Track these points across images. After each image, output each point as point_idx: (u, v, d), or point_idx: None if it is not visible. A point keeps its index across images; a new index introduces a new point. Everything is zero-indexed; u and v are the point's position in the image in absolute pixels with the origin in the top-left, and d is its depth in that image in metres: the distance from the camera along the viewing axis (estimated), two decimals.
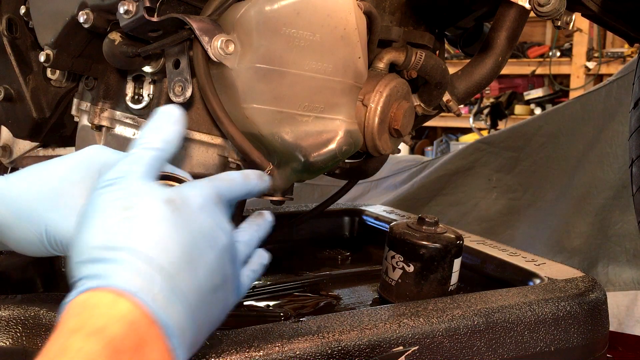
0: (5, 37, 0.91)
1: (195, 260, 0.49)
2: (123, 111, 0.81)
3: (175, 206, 0.49)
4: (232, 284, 0.54)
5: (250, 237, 0.60)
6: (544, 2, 0.84)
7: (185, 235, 0.48)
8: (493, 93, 4.73)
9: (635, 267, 1.61)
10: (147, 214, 0.48)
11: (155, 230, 0.47)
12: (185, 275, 0.47)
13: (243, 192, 0.59)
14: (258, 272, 0.61)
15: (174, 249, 0.47)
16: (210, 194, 0.53)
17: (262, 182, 0.62)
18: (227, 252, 0.52)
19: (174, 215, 0.49)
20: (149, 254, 0.46)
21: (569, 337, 0.87)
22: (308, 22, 0.74)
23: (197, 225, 0.50)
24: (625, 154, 1.62)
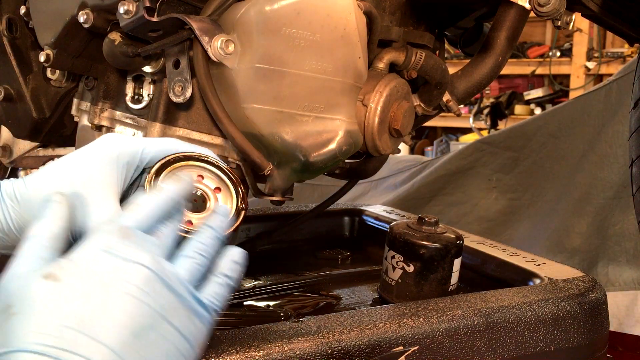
0: (5, 37, 0.91)
1: (94, 318, 0.44)
2: (123, 111, 0.81)
3: (54, 277, 0.45)
4: (178, 312, 0.47)
5: (201, 245, 0.52)
6: (544, 2, 0.84)
7: (72, 301, 0.44)
8: (493, 93, 4.73)
9: (635, 267, 1.60)
10: (24, 303, 0.44)
11: (36, 316, 0.43)
12: (81, 342, 0.43)
13: (162, 201, 0.52)
14: (233, 277, 0.53)
15: (59, 322, 0.43)
16: (103, 236, 0.48)
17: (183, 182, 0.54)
18: (151, 282, 0.46)
19: (55, 287, 0.44)
20: (30, 346, 0.42)
21: (569, 337, 0.87)
22: (308, 22, 0.74)
23: (88, 280, 0.45)
24: (625, 154, 1.62)
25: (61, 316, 0.44)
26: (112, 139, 0.59)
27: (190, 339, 0.48)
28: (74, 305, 0.44)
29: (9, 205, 0.58)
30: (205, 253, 0.52)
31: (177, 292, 0.48)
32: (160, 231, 0.51)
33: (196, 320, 0.49)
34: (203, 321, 0.49)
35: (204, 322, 0.50)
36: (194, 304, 0.49)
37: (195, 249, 0.52)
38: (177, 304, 0.47)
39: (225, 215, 0.56)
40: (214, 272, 0.52)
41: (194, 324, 0.48)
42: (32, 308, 0.44)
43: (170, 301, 0.47)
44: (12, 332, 0.43)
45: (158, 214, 0.51)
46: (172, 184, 0.54)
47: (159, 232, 0.51)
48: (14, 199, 0.58)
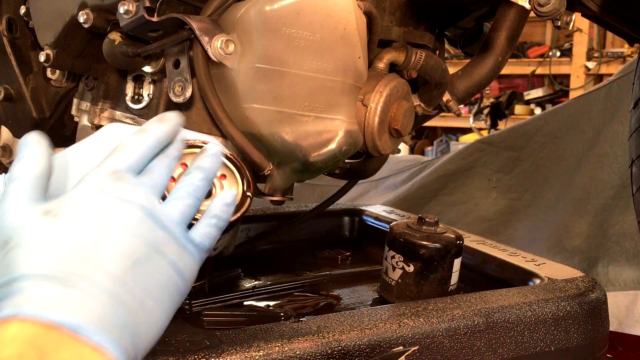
0: (5, 37, 0.91)
1: (95, 248, 0.46)
2: (123, 111, 0.81)
3: (54, 214, 0.47)
4: (170, 248, 0.50)
5: (189, 187, 0.53)
6: (544, 2, 0.84)
7: (72, 233, 0.46)
8: (493, 93, 4.73)
9: (635, 267, 1.60)
10: (24, 238, 0.46)
11: (37, 246, 0.45)
12: (85, 267, 0.45)
13: (151, 145, 0.53)
14: (223, 218, 0.54)
15: (61, 252, 0.45)
16: (98, 178, 0.49)
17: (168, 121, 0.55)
18: (144, 220, 0.49)
19: (55, 222, 0.47)
20: (35, 271, 0.44)
21: (569, 337, 0.87)
22: (308, 22, 0.74)
23: (86, 216, 0.47)
24: (625, 154, 1.62)
25: (63, 246, 0.46)
26: (116, 127, 0.60)
27: (182, 273, 0.50)
28: (74, 237, 0.46)
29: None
30: (196, 194, 0.53)
31: (169, 229, 0.50)
32: (152, 170, 0.53)
33: (187, 256, 0.51)
34: (194, 258, 0.52)
35: (195, 259, 0.52)
36: (184, 242, 0.51)
37: (186, 190, 0.53)
38: (169, 240, 0.50)
39: (215, 155, 0.56)
40: (205, 213, 0.54)
41: (185, 260, 0.51)
42: (33, 240, 0.46)
43: (162, 237, 0.49)
44: (15, 262, 0.45)
45: (147, 154, 0.53)
46: (156, 123, 0.54)
47: (151, 171, 0.53)
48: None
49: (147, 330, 0.48)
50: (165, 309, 0.49)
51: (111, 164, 0.51)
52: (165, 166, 0.54)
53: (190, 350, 0.67)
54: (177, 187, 0.53)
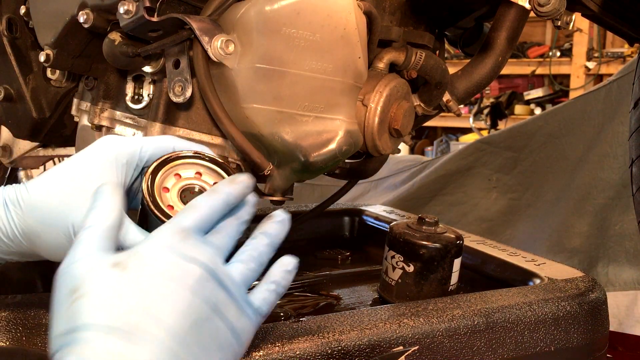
0: (5, 37, 0.91)
1: (159, 304, 0.47)
2: (123, 111, 0.81)
3: (123, 266, 0.48)
4: (229, 309, 0.50)
5: (253, 252, 0.55)
6: (544, 2, 0.84)
7: (138, 287, 0.47)
8: (493, 93, 4.73)
9: (635, 267, 1.60)
10: (91, 288, 0.47)
11: (103, 297, 0.46)
12: (148, 322, 0.46)
13: (220, 206, 0.54)
14: (282, 284, 0.56)
15: (126, 305, 0.46)
16: (166, 235, 0.50)
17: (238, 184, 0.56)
18: (207, 279, 0.49)
19: (122, 275, 0.48)
20: (99, 321, 0.45)
21: (569, 337, 0.87)
22: (308, 22, 0.74)
23: (152, 272, 0.48)
24: (625, 154, 1.62)
25: (127, 300, 0.46)
26: (109, 140, 0.61)
27: (239, 335, 0.51)
28: (139, 292, 0.47)
29: (12, 211, 0.59)
30: (259, 259, 0.55)
31: (230, 291, 0.51)
32: (220, 231, 0.54)
33: (245, 320, 0.52)
34: (251, 322, 0.52)
35: (252, 323, 0.53)
36: (243, 305, 0.52)
37: (250, 255, 0.54)
38: (229, 302, 0.51)
39: (282, 222, 0.57)
40: (265, 279, 0.55)
41: (243, 323, 0.52)
42: (99, 291, 0.47)
43: (223, 299, 0.50)
44: (80, 312, 0.46)
45: (216, 215, 0.54)
46: (227, 184, 0.55)
47: (218, 232, 0.54)
48: (17, 204, 0.59)
49: None
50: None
51: (180, 222, 0.52)
52: (233, 229, 0.55)
53: None
54: (242, 250, 0.55)
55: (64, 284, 0.48)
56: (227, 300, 0.50)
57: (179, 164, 0.60)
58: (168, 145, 0.62)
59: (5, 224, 0.59)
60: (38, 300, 0.74)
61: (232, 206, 0.55)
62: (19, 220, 0.59)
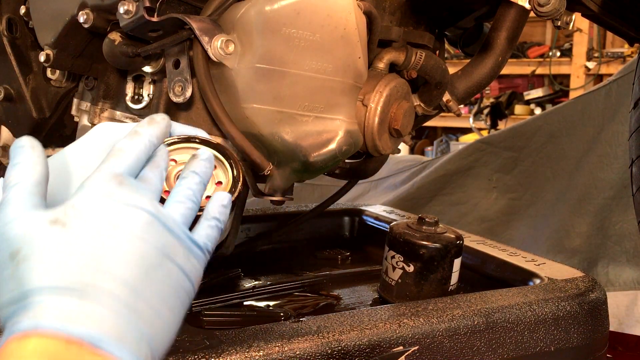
0: (5, 37, 0.91)
1: (108, 256, 0.45)
2: (123, 111, 0.81)
3: (62, 222, 0.46)
4: (178, 251, 0.49)
5: (188, 191, 0.53)
6: (544, 2, 0.84)
7: (84, 242, 0.45)
8: (493, 93, 4.73)
9: (635, 267, 1.60)
10: (34, 249, 0.45)
11: (49, 258, 0.44)
12: (100, 277, 0.44)
13: (145, 148, 0.53)
14: (222, 219, 0.54)
15: (72, 262, 0.45)
16: (100, 183, 0.49)
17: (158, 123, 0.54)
18: (152, 224, 0.48)
19: (64, 232, 0.46)
20: (49, 283, 0.43)
21: (569, 337, 0.87)
22: (308, 22, 0.74)
23: (95, 224, 0.46)
24: (625, 154, 1.62)
25: (76, 256, 0.45)
26: (106, 127, 0.60)
27: (190, 276, 0.50)
28: (85, 247, 0.45)
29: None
30: (194, 197, 0.53)
31: (175, 233, 0.50)
32: (148, 175, 0.52)
33: (193, 259, 0.51)
34: (199, 260, 0.51)
35: (200, 262, 0.51)
36: (190, 244, 0.51)
37: (185, 194, 0.53)
38: (176, 244, 0.49)
39: (208, 159, 0.56)
40: (205, 216, 0.54)
41: (192, 263, 0.50)
42: (43, 252, 0.45)
43: (170, 241, 0.49)
44: (27, 274, 0.44)
45: (142, 157, 0.52)
46: (147, 126, 0.54)
47: (146, 175, 0.52)
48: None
49: (162, 338, 0.47)
50: (177, 313, 0.49)
51: (111, 168, 0.50)
52: (158, 174, 0.53)
53: (190, 350, 0.67)
54: (175, 191, 0.53)
55: (1, 248, 0.46)
56: (175, 242, 0.49)
57: (173, 149, 0.60)
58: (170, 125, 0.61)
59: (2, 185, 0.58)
60: None
61: (155, 147, 0.54)
62: None
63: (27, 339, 0.41)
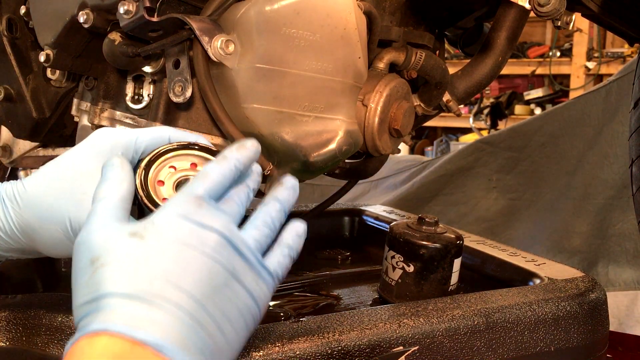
0: (5, 37, 0.91)
1: (178, 272, 0.48)
2: (123, 111, 0.81)
3: (140, 235, 0.49)
4: (247, 275, 0.51)
5: (266, 218, 0.55)
6: (544, 2, 0.84)
7: (157, 256, 0.48)
8: (493, 93, 4.73)
9: (635, 267, 1.61)
10: (112, 257, 0.48)
11: (124, 266, 0.48)
12: (168, 289, 0.47)
13: (230, 172, 0.54)
14: (295, 249, 0.57)
15: (144, 272, 0.47)
16: (181, 204, 0.51)
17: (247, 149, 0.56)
18: (223, 245, 0.50)
19: (141, 244, 0.49)
20: (122, 290, 0.46)
21: (569, 337, 0.87)
22: (308, 22, 0.74)
23: (170, 240, 0.49)
24: (625, 154, 1.62)
25: (148, 269, 0.47)
26: (105, 132, 0.61)
27: (257, 300, 0.52)
28: (158, 260, 0.48)
29: (10, 208, 0.59)
30: (272, 225, 0.55)
31: (246, 256, 0.51)
32: (231, 198, 0.54)
33: (262, 284, 0.52)
34: (268, 286, 0.53)
35: (269, 287, 0.53)
36: (260, 269, 0.52)
37: (263, 221, 0.55)
38: (245, 267, 0.51)
39: (292, 188, 0.58)
40: (279, 243, 0.56)
41: (261, 288, 0.52)
42: (121, 260, 0.48)
43: (240, 265, 0.51)
44: (103, 280, 0.47)
45: (227, 181, 0.54)
46: (235, 151, 0.55)
47: (229, 199, 0.54)
48: (14, 201, 0.59)
49: (223, 353, 0.49)
50: (240, 334, 0.51)
51: (193, 190, 0.52)
52: (243, 196, 0.55)
53: None
54: (255, 216, 0.55)
55: (84, 254, 0.49)
56: (244, 265, 0.51)
57: (173, 156, 0.60)
58: (164, 136, 0.62)
59: (3, 220, 0.59)
60: (38, 300, 0.74)
61: (240, 172, 0.55)
62: (17, 217, 0.59)
63: (97, 338, 0.44)
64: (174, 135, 0.62)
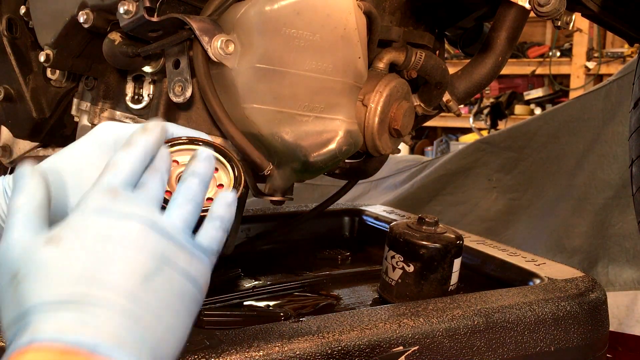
0: (5, 37, 0.91)
1: (103, 267, 0.46)
2: (123, 111, 0.81)
3: (56, 240, 0.47)
4: (179, 256, 0.49)
5: (188, 194, 0.52)
6: (544, 2, 0.84)
7: (77, 256, 0.46)
8: (493, 93, 4.73)
9: (635, 267, 1.61)
10: (30, 268, 0.46)
11: (44, 275, 0.45)
12: (96, 287, 0.45)
13: (140, 158, 0.52)
14: (227, 219, 0.54)
15: (66, 276, 0.45)
16: (95, 199, 0.49)
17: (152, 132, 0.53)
18: (147, 232, 0.48)
19: (58, 249, 0.46)
20: (45, 299, 0.44)
21: (569, 337, 0.87)
22: (308, 22, 0.74)
23: (89, 237, 0.47)
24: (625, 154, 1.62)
25: (70, 273, 0.45)
26: (108, 126, 0.60)
27: (195, 280, 0.50)
28: (79, 262, 0.46)
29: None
30: (195, 199, 0.53)
31: (175, 238, 0.49)
32: (145, 184, 0.52)
33: (197, 262, 0.50)
34: (204, 263, 0.51)
35: (205, 264, 0.51)
36: (192, 248, 0.50)
37: (184, 197, 0.52)
38: (176, 249, 0.49)
39: (207, 159, 0.55)
40: (209, 217, 0.53)
41: (196, 267, 0.50)
42: (40, 270, 0.45)
43: (169, 247, 0.49)
44: (26, 294, 0.45)
45: (139, 168, 0.52)
46: (141, 134, 0.53)
47: (145, 184, 0.52)
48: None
49: (167, 342, 0.47)
50: (182, 319, 0.49)
51: (106, 182, 0.50)
52: (158, 179, 0.53)
53: (190, 350, 0.67)
54: (175, 195, 0.53)
55: (4, 272, 0.47)
56: (174, 247, 0.49)
57: (175, 151, 0.59)
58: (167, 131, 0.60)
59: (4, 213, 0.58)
60: None
61: (151, 155, 0.53)
62: None
63: (24, 355, 0.41)
64: (175, 131, 0.60)
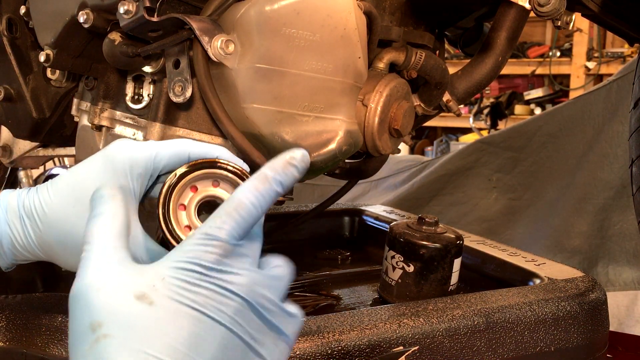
0: (5, 37, 0.91)
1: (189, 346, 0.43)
2: (123, 111, 0.81)
3: (148, 299, 0.43)
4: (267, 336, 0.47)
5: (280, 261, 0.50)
6: (544, 2, 0.84)
7: (167, 328, 0.43)
8: (493, 93, 4.73)
9: (635, 267, 1.61)
10: (117, 327, 0.43)
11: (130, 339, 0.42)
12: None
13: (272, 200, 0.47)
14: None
15: (157, 350, 0.42)
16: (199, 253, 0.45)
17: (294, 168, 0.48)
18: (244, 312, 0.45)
19: (148, 311, 0.43)
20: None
21: (569, 337, 0.87)
22: (308, 22, 0.74)
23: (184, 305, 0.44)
24: (625, 154, 1.62)
25: (157, 342, 0.43)
26: (122, 147, 0.57)
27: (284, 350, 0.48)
28: (169, 332, 0.43)
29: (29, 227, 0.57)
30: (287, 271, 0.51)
31: (267, 319, 0.47)
32: (254, 231, 0.49)
33: (281, 344, 0.48)
34: (287, 343, 0.49)
35: (288, 344, 0.49)
36: (281, 329, 0.48)
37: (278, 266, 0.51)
38: (265, 330, 0.47)
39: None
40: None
41: (279, 349, 0.48)
42: (126, 332, 0.43)
43: (259, 329, 0.46)
44: (106, 354, 0.42)
45: (259, 214, 0.47)
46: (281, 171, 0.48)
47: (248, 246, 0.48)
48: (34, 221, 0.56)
49: None
50: None
51: (214, 232, 0.46)
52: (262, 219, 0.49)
53: None
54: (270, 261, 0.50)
55: (82, 314, 0.44)
56: (264, 328, 0.46)
57: (193, 177, 0.56)
58: (183, 151, 0.57)
59: (23, 238, 0.57)
60: (38, 300, 0.74)
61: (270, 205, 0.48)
62: (37, 237, 0.57)
63: None
64: (194, 150, 0.57)
